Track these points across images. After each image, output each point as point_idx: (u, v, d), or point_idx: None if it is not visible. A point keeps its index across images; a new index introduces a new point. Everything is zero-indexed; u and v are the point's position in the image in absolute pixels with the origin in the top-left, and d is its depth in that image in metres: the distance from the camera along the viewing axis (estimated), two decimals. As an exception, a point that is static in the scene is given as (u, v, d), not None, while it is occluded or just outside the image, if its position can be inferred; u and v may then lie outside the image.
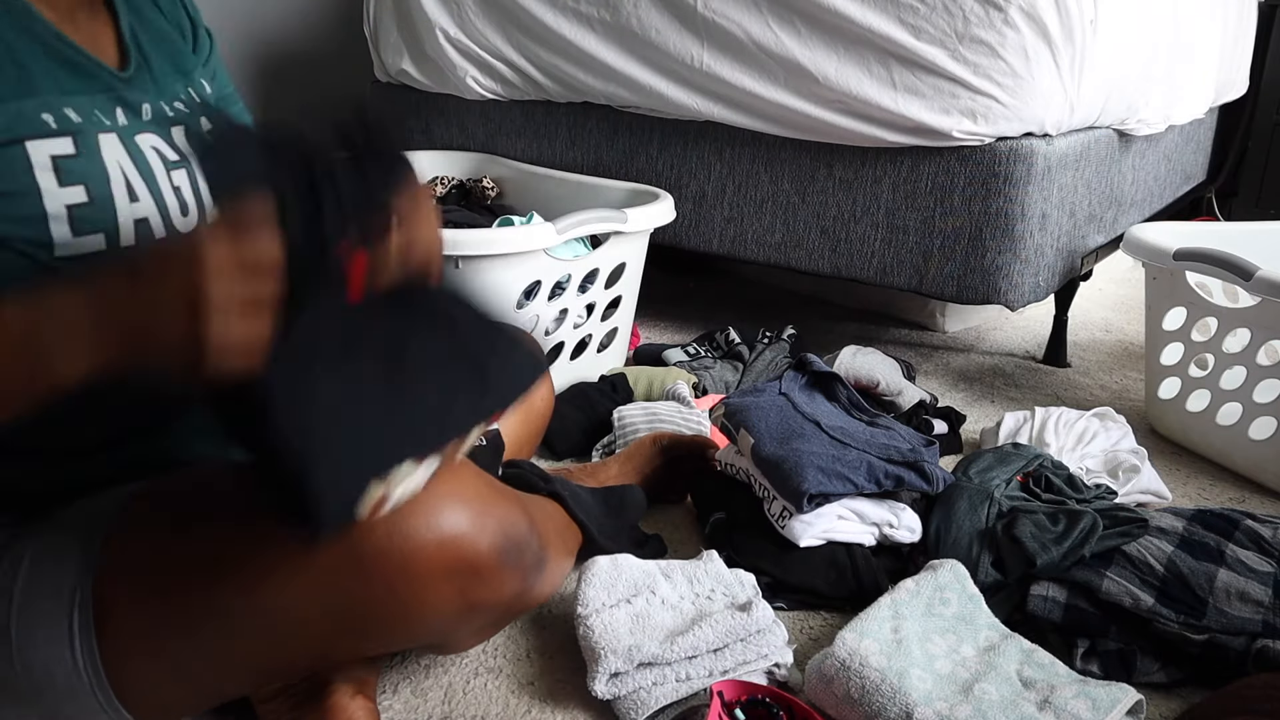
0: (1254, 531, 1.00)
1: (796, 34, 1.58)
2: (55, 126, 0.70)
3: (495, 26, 1.95)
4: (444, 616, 0.72)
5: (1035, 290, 1.62)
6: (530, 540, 0.75)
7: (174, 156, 0.80)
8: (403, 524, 0.67)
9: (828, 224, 1.71)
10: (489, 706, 0.90)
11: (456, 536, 0.69)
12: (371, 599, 0.68)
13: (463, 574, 0.70)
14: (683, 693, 0.86)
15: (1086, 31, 1.48)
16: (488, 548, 0.71)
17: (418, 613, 0.70)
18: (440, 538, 0.68)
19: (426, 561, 0.68)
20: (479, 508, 0.71)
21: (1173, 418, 1.51)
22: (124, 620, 0.69)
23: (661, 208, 1.65)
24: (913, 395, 1.54)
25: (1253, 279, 1.32)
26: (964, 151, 1.55)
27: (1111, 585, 0.96)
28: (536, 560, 0.77)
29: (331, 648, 0.74)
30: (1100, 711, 0.82)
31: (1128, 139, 1.89)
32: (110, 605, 0.69)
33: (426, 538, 0.68)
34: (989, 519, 1.09)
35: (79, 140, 0.71)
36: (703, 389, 1.58)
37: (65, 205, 0.70)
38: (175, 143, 0.80)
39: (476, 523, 0.70)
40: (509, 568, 0.73)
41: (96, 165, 0.72)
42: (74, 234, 0.70)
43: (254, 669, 0.74)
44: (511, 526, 0.73)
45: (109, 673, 0.70)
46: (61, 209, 0.70)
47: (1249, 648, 0.91)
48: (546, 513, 0.93)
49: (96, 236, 0.72)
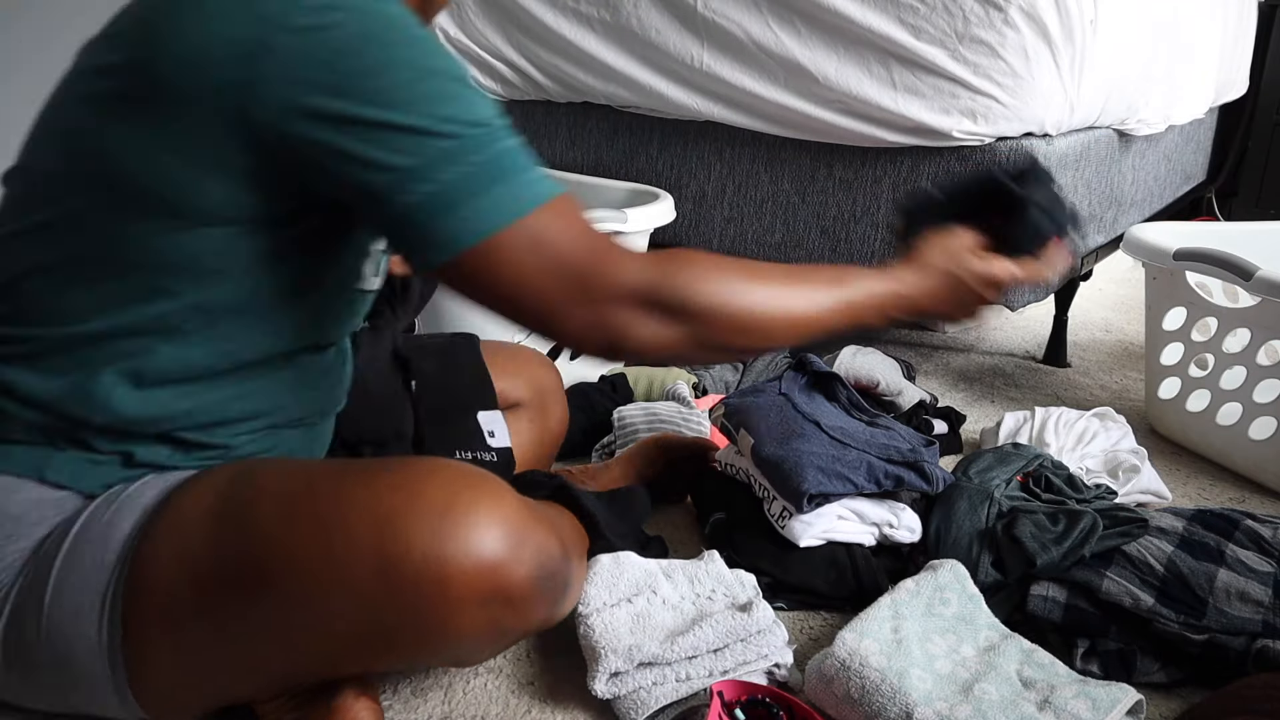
0: (1254, 532, 1.00)
1: (796, 34, 1.58)
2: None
3: (495, 26, 1.95)
4: (472, 641, 0.71)
5: (1035, 290, 1.62)
6: (563, 567, 0.75)
7: None
8: (441, 547, 0.66)
9: (828, 224, 1.71)
10: (489, 706, 0.90)
11: (494, 565, 0.68)
12: (402, 619, 0.67)
13: (497, 601, 0.69)
14: (683, 692, 0.86)
15: (1086, 31, 1.48)
16: (524, 577, 0.70)
17: (446, 636, 0.69)
18: (478, 565, 0.67)
19: (462, 587, 0.67)
20: (518, 537, 0.69)
21: (1173, 418, 1.51)
22: (153, 607, 0.69)
23: (661, 208, 1.65)
24: (913, 395, 1.54)
25: (1253, 279, 1.32)
26: (964, 151, 1.55)
27: (1111, 585, 0.96)
28: (564, 585, 0.76)
29: (354, 662, 0.74)
30: (1100, 711, 0.82)
31: (1128, 139, 1.89)
32: (143, 589, 0.69)
33: (464, 564, 0.66)
34: (989, 519, 1.09)
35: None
36: (703, 389, 1.58)
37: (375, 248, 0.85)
38: None
39: (515, 553, 0.69)
40: (541, 596, 0.72)
41: None
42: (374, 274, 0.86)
43: (272, 675, 0.74)
44: (548, 556, 0.72)
45: (128, 659, 0.70)
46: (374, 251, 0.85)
47: (1249, 648, 0.91)
48: (565, 524, 0.93)
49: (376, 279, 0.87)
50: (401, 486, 0.68)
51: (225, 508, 0.70)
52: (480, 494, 0.69)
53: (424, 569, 0.66)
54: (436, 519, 0.66)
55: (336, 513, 0.67)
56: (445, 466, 0.71)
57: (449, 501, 0.67)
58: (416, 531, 0.66)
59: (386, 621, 0.68)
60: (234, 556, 0.68)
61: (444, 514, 0.67)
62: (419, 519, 0.66)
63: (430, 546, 0.66)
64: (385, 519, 0.66)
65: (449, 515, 0.67)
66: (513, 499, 0.72)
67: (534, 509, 0.74)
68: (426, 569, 0.66)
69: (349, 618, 0.67)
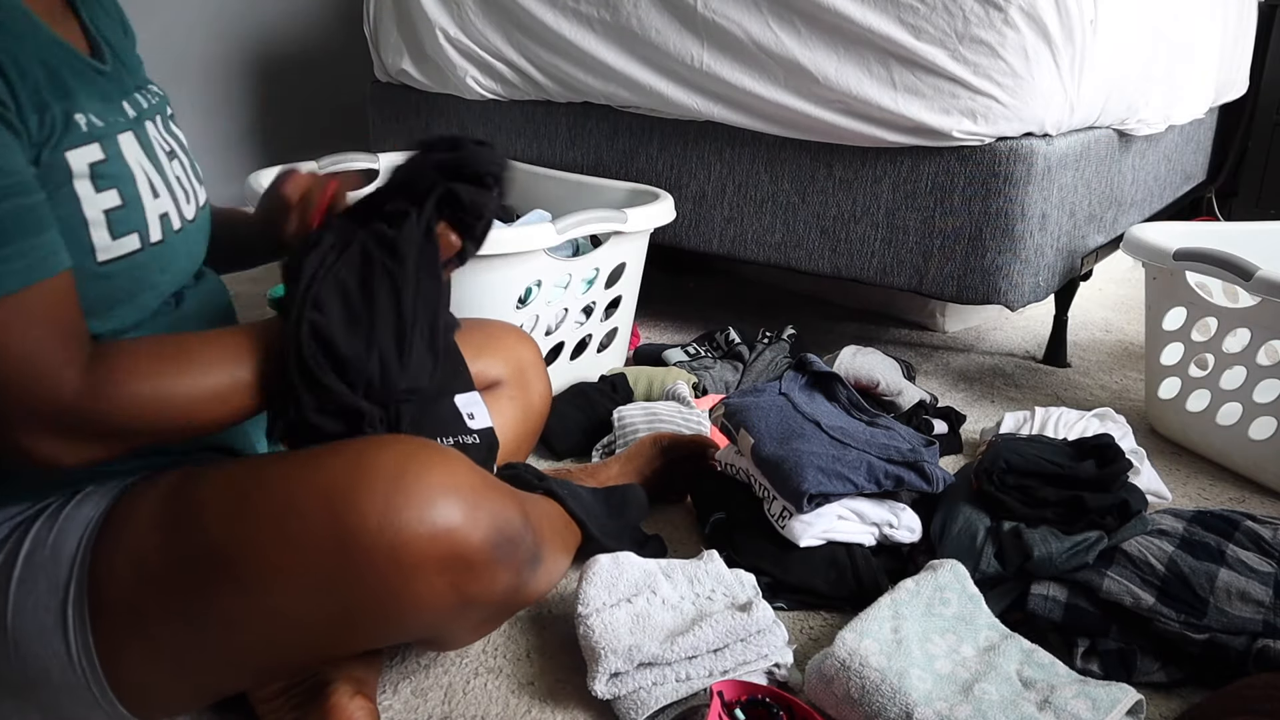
0: (1254, 532, 1.00)
1: (796, 34, 1.58)
2: (86, 130, 0.71)
3: (495, 26, 1.95)
4: (436, 610, 0.72)
5: (1035, 290, 1.62)
6: (524, 535, 0.75)
7: (168, 146, 0.82)
8: (394, 516, 0.67)
9: (828, 224, 1.71)
10: (489, 706, 0.90)
11: (449, 529, 0.68)
12: (364, 592, 0.68)
13: (455, 567, 0.69)
14: (683, 693, 0.86)
15: (1086, 31, 1.48)
16: (480, 541, 0.70)
17: (410, 606, 0.70)
18: (432, 530, 0.68)
19: (418, 554, 0.67)
20: (472, 501, 0.70)
21: (1173, 418, 1.51)
22: (117, 616, 0.69)
23: (661, 208, 1.65)
24: (913, 395, 1.54)
25: (1253, 279, 1.32)
26: (964, 151, 1.55)
27: (1112, 585, 0.96)
28: (531, 555, 0.76)
29: (327, 643, 0.74)
30: (1100, 711, 0.82)
31: (1128, 139, 1.89)
32: (104, 600, 0.69)
33: (418, 530, 0.67)
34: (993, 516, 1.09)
35: (105, 145, 0.73)
36: (703, 389, 1.58)
37: (102, 210, 0.71)
38: (164, 132, 0.82)
39: (469, 516, 0.70)
40: (502, 562, 0.72)
41: (124, 167, 0.74)
42: (111, 237, 0.72)
43: (249, 666, 0.74)
44: (505, 521, 0.73)
45: (104, 667, 0.70)
46: (100, 214, 0.71)
47: (1249, 647, 0.91)
48: (543, 510, 0.93)
49: (131, 237, 0.74)
50: (351, 462, 0.69)
51: (175, 514, 0.71)
52: (431, 461, 0.70)
53: (379, 538, 0.66)
54: (388, 487, 0.67)
55: (287, 496, 0.68)
56: (395, 440, 0.72)
57: (399, 470, 0.68)
58: (369, 502, 0.67)
59: (348, 596, 0.68)
60: (192, 557, 0.69)
61: (395, 481, 0.67)
62: (370, 490, 0.67)
63: (384, 515, 0.66)
64: (337, 494, 0.67)
65: (400, 482, 0.68)
66: (465, 466, 0.73)
67: (490, 479, 0.75)
68: (381, 537, 0.66)
69: (311, 598, 0.68)
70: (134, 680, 0.71)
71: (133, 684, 0.72)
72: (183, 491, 0.72)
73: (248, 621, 0.69)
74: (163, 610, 0.69)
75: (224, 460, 0.78)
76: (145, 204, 0.75)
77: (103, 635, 0.69)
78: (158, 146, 0.79)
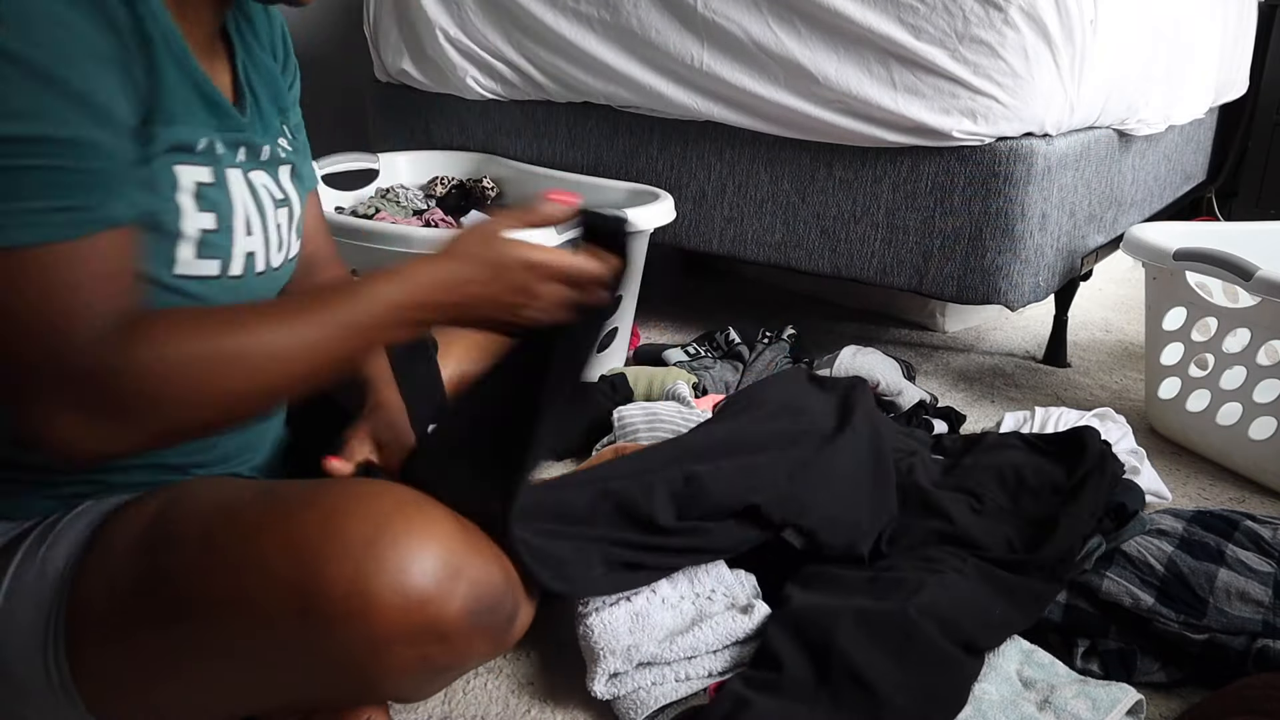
0: (1254, 532, 1.00)
1: (796, 34, 1.58)
2: (200, 152, 0.71)
3: (495, 26, 1.94)
4: (405, 680, 0.68)
5: (1035, 290, 1.62)
6: (505, 598, 0.71)
7: (280, 195, 0.81)
8: (364, 584, 0.62)
9: (828, 224, 1.71)
10: (489, 706, 0.90)
11: (424, 600, 0.63)
12: (327, 659, 0.64)
13: (427, 639, 0.64)
14: (682, 693, 0.86)
15: (1086, 31, 1.48)
16: (458, 611, 0.65)
17: (374, 676, 0.65)
18: (405, 602, 0.62)
19: (388, 625, 0.62)
20: (451, 568, 0.65)
21: (1173, 418, 1.51)
22: (92, 639, 0.67)
23: (661, 208, 1.65)
24: (913, 395, 1.54)
25: (1253, 279, 1.32)
26: (964, 151, 1.55)
27: (1111, 585, 0.96)
28: (509, 616, 0.72)
29: (289, 698, 0.72)
30: (1100, 711, 0.82)
31: (1128, 139, 1.89)
32: (81, 623, 0.67)
33: (390, 600, 0.62)
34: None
35: (216, 171, 0.72)
36: (703, 389, 1.58)
37: (200, 229, 0.71)
38: (281, 182, 0.82)
39: (448, 585, 0.64)
40: (480, 630, 0.68)
41: (226, 196, 0.73)
42: (196, 256, 0.71)
43: (217, 706, 0.71)
44: (487, 587, 0.68)
45: (81, 691, 0.68)
46: (195, 231, 0.70)
47: (1249, 647, 0.91)
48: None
49: (213, 263, 0.72)
50: (325, 518, 0.64)
51: (150, 541, 0.67)
52: (409, 523, 0.65)
53: (345, 606, 0.61)
54: (359, 553, 0.62)
55: (254, 547, 0.63)
56: (374, 493, 0.67)
57: (373, 533, 0.63)
58: (338, 567, 0.62)
59: (308, 661, 0.64)
60: (156, 587, 0.66)
61: (367, 547, 0.62)
62: (340, 554, 0.62)
63: (353, 583, 0.61)
64: (305, 553, 0.62)
65: (373, 549, 0.62)
66: (447, 526, 0.67)
67: (473, 534, 0.70)
68: (348, 606, 0.61)
69: (271, 657, 0.64)
70: (111, 706, 0.69)
71: (112, 711, 0.69)
72: (163, 517, 0.69)
73: (205, 667, 0.66)
74: (128, 640, 0.66)
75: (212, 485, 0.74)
76: (237, 237, 0.74)
77: (79, 658, 0.67)
78: (265, 192, 0.79)
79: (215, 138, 0.73)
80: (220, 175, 0.73)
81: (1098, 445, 1.14)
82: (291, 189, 0.84)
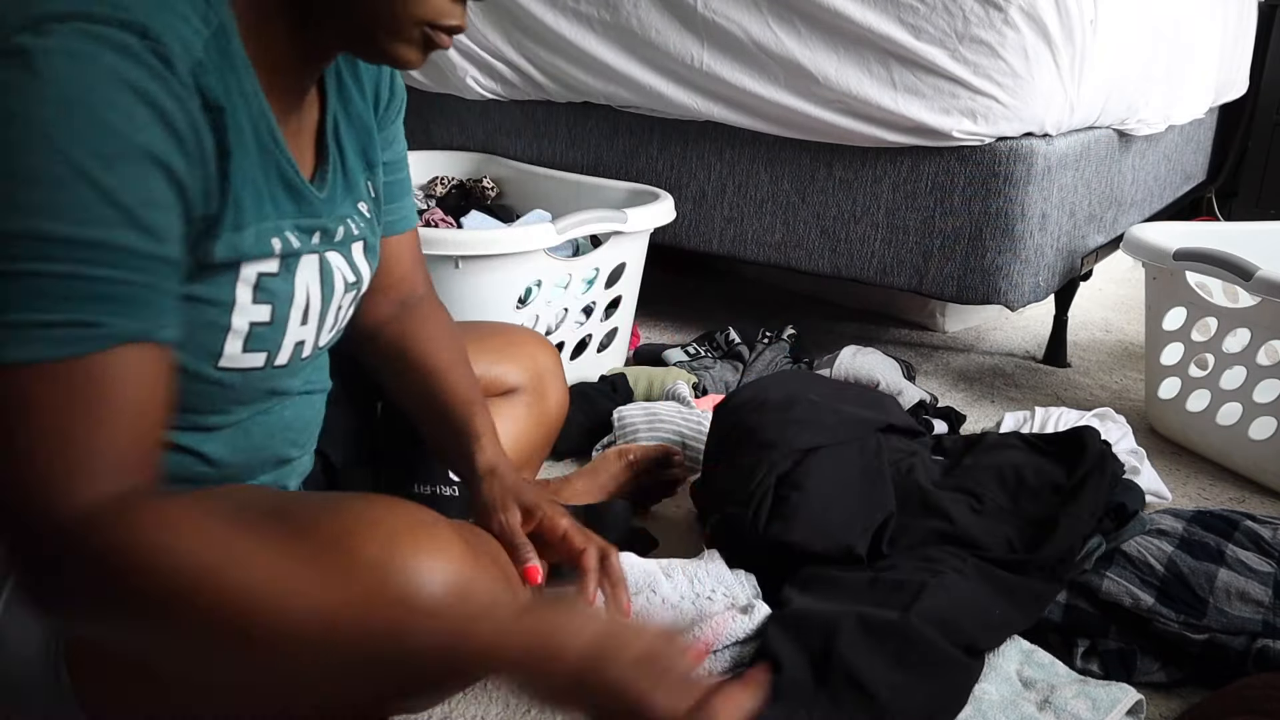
0: (1253, 532, 1.00)
1: (796, 34, 1.58)
2: (277, 251, 0.68)
3: (495, 26, 1.95)
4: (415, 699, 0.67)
5: (1035, 290, 1.62)
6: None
7: (352, 278, 0.77)
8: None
9: (828, 224, 1.71)
10: (489, 706, 0.90)
11: None
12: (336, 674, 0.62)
13: None
14: (683, 693, 0.86)
15: (1086, 31, 1.48)
16: None
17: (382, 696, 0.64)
18: None
19: None
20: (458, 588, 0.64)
21: (1173, 418, 1.51)
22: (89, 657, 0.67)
23: (661, 208, 1.65)
24: (913, 395, 1.54)
25: (1253, 279, 1.32)
26: (964, 151, 1.55)
27: (1111, 585, 0.96)
28: None
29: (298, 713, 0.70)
30: (1100, 711, 0.82)
31: (1128, 139, 1.89)
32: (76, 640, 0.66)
33: None
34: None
35: (285, 263, 0.69)
36: (703, 389, 1.58)
37: (250, 322, 0.67)
38: (355, 261, 0.78)
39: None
40: None
41: (289, 287, 0.70)
42: (242, 350, 0.68)
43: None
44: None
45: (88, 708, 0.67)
46: (245, 325, 0.67)
47: (1249, 647, 0.91)
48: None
49: (259, 355, 0.70)
50: (334, 539, 0.62)
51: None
52: (418, 544, 0.63)
53: None
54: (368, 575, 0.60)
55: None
56: (383, 516, 0.65)
57: (383, 555, 0.61)
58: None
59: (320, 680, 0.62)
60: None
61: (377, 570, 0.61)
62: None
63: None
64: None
65: (382, 571, 0.61)
66: (456, 549, 0.66)
67: (477, 551, 0.69)
68: None
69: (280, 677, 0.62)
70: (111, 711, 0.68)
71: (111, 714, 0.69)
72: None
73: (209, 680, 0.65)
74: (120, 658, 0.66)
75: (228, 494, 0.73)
76: (290, 328, 0.71)
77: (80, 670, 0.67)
78: (339, 274, 0.75)
79: (289, 228, 0.69)
80: (289, 265, 0.69)
81: (1098, 445, 1.13)
82: (364, 265, 0.79)
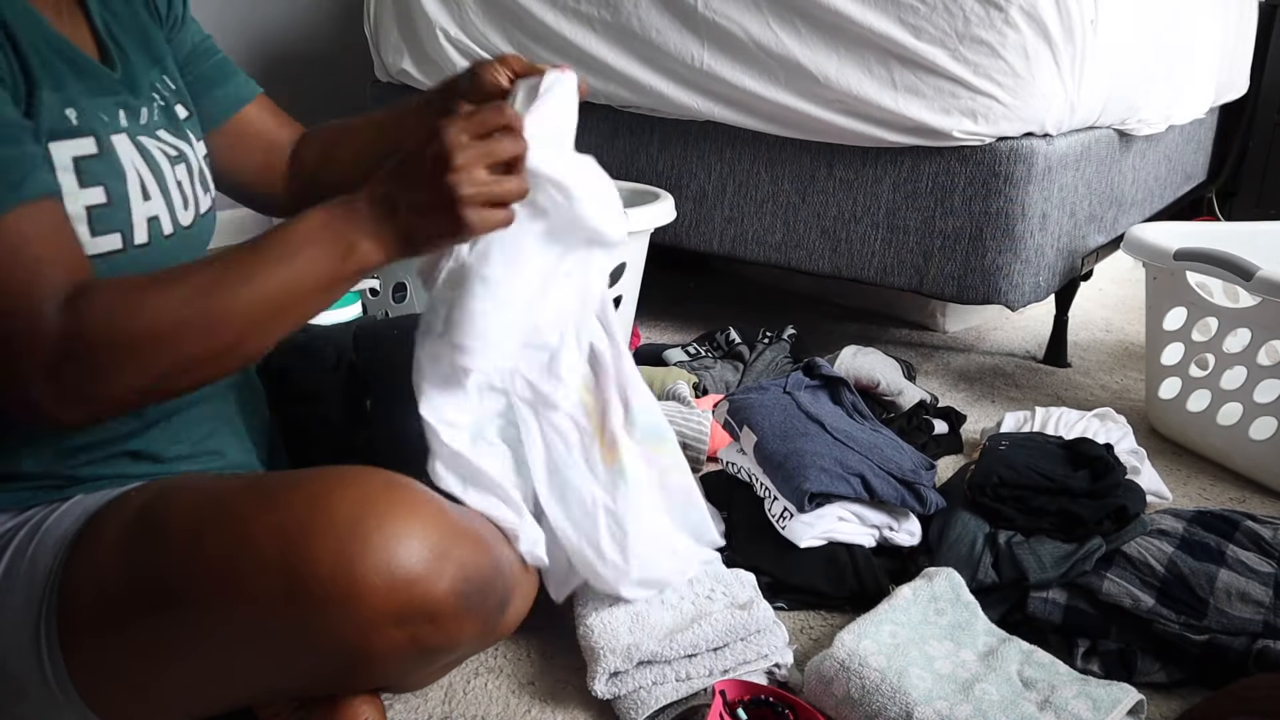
0: (1254, 532, 1.00)
1: (797, 34, 1.58)
2: (77, 124, 0.69)
3: (495, 26, 1.94)
4: (395, 662, 0.68)
5: (1035, 290, 1.62)
6: (496, 581, 0.71)
7: (174, 152, 0.79)
8: (350, 566, 0.62)
9: (828, 224, 1.71)
10: (489, 706, 0.90)
11: (410, 580, 0.64)
12: (315, 642, 0.64)
13: (415, 619, 0.65)
14: (683, 692, 0.86)
15: (1087, 31, 1.48)
16: (445, 591, 0.66)
17: (364, 658, 0.66)
18: (390, 582, 0.63)
19: (374, 606, 0.63)
20: (438, 549, 0.65)
21: (1173, 418, 1.51)
22: (85, 636, 0.67)
23: (661, 208, 1.65)
24: (913, 395, 1.54)
25: (1253, 279, 1.32)
26: (964, 151, 1.55)
27: (1112, 586, 0.96)
28: (500, 602, 0.73)
29: (285, 685, 0.72)
30: (1101, 711, 0.82)
31: (1128, 139, 1.89)
32: (73, 619, 0.67)
33: (375, 581, 0.62)
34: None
35: (99, 141, 0.70)
36: (703, 389, 1.58)
37: (85, 206, 0.69)
38: (170, 138, 0.79)
39: (434, 565, 0.65)
40: (471, 611, 0.68)
41: (114, 165, 0.71)
42: (91, 234, 0.69)
43: (213, 697, 0.72)
44: (474, 569, 0.68)
45: (79, 687, 0.68)
46: (81, 210, 0.69)
47: (1250, 648, 0.91)
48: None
49: (113, 236, 0.71)
50: (310, 501, 0.64)
51: (137, 536, 0.68)
52: (395, 504, 0.65)
53: (331, 588, 0.62)
54: (345, 534, 0.63)
55: (243, 533, 0.64)
56: (360, 476, 0.67)
57: (359, 514, 0.64)
58: (323, 548, 0.62)
59: (298, 645, 0.65)
60: (145, 584, 0.66)
61: (353, 528, 0.63)
62: (326, 535, 0.63)
63: (338, 564, 0.62)
64: (292, 537, 0.63)
65: (358, 529, 0.63)
66: (434, 509, 0.68)
67: (462, 520, 0.70)
68: (335, 588, 0.62)
69: (261, 643, 0.65)
70: (108, 698, 0.69)
71: (108, 702, 0.69)
72: (150, 511, 0.69)
73: (199, 656, 0.67)
74: (121, 633, 0.67)
75: (200, 477, 0.74)
76: (133, 205, 0.72)
77: (74, 654, 0.67)
78: (157, 150, 0.76)
79: (88, 103, 0.71)
80: (104, 144, 0.70)
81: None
82: (183, 141, 0.81)
